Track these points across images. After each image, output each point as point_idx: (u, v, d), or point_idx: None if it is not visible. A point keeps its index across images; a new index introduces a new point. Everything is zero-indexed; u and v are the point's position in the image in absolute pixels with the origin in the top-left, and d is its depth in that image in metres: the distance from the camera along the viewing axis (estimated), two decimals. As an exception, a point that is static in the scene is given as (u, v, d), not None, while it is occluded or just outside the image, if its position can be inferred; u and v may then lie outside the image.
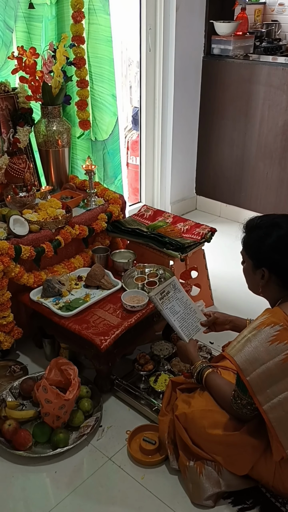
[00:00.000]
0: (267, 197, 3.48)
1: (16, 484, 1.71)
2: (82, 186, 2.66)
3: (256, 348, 1.45)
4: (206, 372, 1.68)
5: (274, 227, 1.55)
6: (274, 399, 1.44)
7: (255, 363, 1.44)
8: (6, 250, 2.02)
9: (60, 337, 2.14)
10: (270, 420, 1.45)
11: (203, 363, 1.72)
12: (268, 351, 1.44)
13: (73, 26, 2.52)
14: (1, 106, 2.40)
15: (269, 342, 1.44)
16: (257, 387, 1.44)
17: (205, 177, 3.82)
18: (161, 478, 1.72)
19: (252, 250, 1.59)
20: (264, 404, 1.44)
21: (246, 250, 1.62)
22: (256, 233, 1.58)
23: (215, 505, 1.61)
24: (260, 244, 1.55)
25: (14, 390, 2.03)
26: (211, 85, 3.52)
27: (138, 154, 3.62)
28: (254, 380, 1.44)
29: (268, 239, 1.54)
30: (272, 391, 1.44)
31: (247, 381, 1.45)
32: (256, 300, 1.73)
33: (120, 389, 2.04)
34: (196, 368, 1.72)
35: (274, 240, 1.53)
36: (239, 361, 1.46)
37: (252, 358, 1.45)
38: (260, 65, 3.24)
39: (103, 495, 1.67)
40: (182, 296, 1.97)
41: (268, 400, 1.44)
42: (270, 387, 1.44)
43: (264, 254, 1.55)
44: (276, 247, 1.53)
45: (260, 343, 1.45)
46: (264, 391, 1.44)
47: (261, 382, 1.44)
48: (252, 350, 1.45)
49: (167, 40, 3.24)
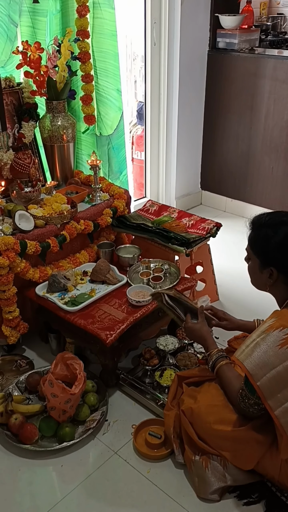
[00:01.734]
0: (272, 191, 3.46)
1: (22, 477, 1.73)
2: (87, 181, 2.66)
3: (265, 353, 1.44)
4: (219, 363, 1.66)
5: (283, 225, 1.53)
6: (285, 404, 1.43)
7: (265, 368, 1.43)
8: (11, 245, 2.02)
9: (66, 332, 2.14)
10: (282, 424, 1.44)
11: (219, 352, 1.70)
12: (277, 355, 1.42)
13: (78, 20, 2.51)
14: (6, 101, 2.40)
15: (278, 346, 1.42)
16: (268, 392, 1.43)
17: (210, 171, 3.81)
18: (166, 472, 1.72)
19: (260, 248, 1.57)
20: (275, 409, 1.43)
21: (253, 248, 1.60)
22: (264, 231, 1.55)
23: (220, 499, 1.62)
24: (268, 243, 1.53)
25: (20, 385, 2.04)
26: (216, 79, 3.50)
27: (143, 149, 3.61)
28: (264, 385, 1.43)
29: (277, 237, 1.52)
30: (283, 395, 1.43)
31: (258, 387, 1.44)
32: (261, 295, 1.72)
33: (125, 383, 2.04)
34: (212, 356, 1.69)
35: (282, 239, 1.51)
36: (248, 366, 1.45)
37: (262, 363, 1.43)
38: (266, 59, 3.22)
39: (109, 489, 1.68)
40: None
41: (280, 405, 1.43)
42: (281, 391, 1.43)
43: (272, 253, 1.53)
44: (285, 246, 1.51)
45: (269, 347, 1.43)
46: (275, 395, 1.43)
47: (271, 386, 1.43)
48: (261, 355, 1.44)
49: (172, 34, 3.22)
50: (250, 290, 1.74)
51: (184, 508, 1.60)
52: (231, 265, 2.90)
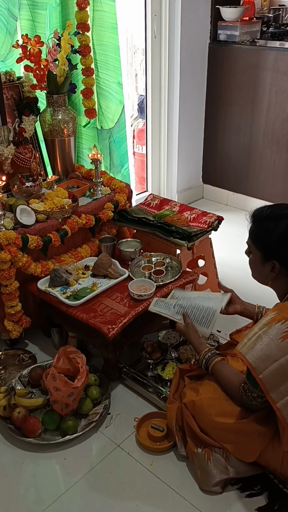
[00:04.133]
0: (274, 184, 3.45)
1: (26, 470, 1.74)
2: (88, 176, 2.65)
3: (267, 345, 1.44)
4: (213, 362, 1.67)
5: (284, 218, 1.52)
6: (287, 396, 1.43)
7: (267, 361, 1.43)
8: (13, 240, 2.02)
9: (68, 326, 2.15)
10: (284, 416, 1.44)
11: (210, 351, 1.71)
12: (279, 347, 1.43)
13: (78, 13, 2.50)
14: (6, 96, 2.39)
15: (280, 338, 1.43)
16: (270, 384, 1.44)
17: (211, 165, 3.80)
18: (169, 465, 1.73)
19: (261, 242, 1.56)
20: (277, 402, 1.44)
21: (254, 242, 1.59)
22: (266, 224, 1.54)
23: (223, 491, 1.63)
24: (269, 236, 1.53)
25: (23, 379, 2.05)
26: (217, 71, 3.49)
27: (144, 143, 3.60)
28: (267, 378, 1.44)
29: (278, 230, 1.51)
30: (286, 387, 1.43)
31: (260, 379, 1.44)
32: (263, 288, 1.72)
33: (128, 377, 2.05)
34: (201, 358, 1.71)
35: (283, 231, 1.50)
36: (251, 359, 1.45)
37: (264, 356, 1.44)
38: (267, 51, 3.20)
39: (112, 481, 1.69)
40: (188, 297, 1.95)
41: (282, 397, 1.44)
42: (283, 384, 1.43)
43: (274, 247, 1.53)
44: (287, 239, 1.50)
45: (271, 340, 1.44)
46: (277, 388, 1.44)
47: (274, 379, 1.43)
48: (263, 347, 1.44)
49: (172, 27, 3.20)
50: (252, 284, 1.74)
51: (186, 500, 1.61)
52: (233, 259, 2.89)
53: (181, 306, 1.90)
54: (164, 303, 1.92)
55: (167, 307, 1.90)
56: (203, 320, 1.84)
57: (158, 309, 1.90)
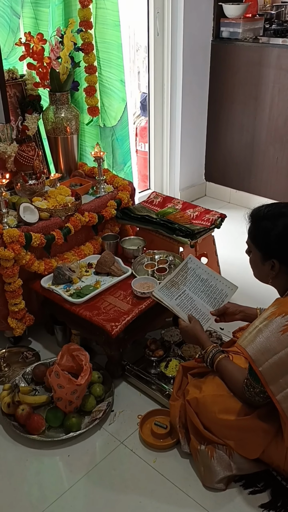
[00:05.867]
0: (277, 182, 3.44)
1: (30, 468, 1.74)
2: (91, 173, 2.65)
3: (267, 339, 1.45)
4: (218, 358, 1.68)
5: (282, 217, 1.52)
6: (287, 389, 1.44)
7: (267, 354, 1.44)
8: (16, 238, 2.03)
9: (71, 323, 2.15)
10: (283, 409, 1.45)
11: (215, 348, 1.72)
12: (279, 341, 1.43)
13: (81, 10, 2.49)
14: (9, 94, 2.39)
15: (280, 332, 1.43)
16: (269, 377, 1.44)
17: (214, 163, 3.79)
18: (173, 462, 1.74)
19: (260, 241, 1.57)
20: (277, 394, 1.44)
21: (253, 241, 1.60)
22: (264, 224, 1.55)
23: (226, 488, 1.63)
24: (268, 235, 1.53)
25: (27, 376, 2.06)
26: (220, 69, 3.48)
27: (147, 141, 3.60)
28: (266, 370, 1.44)
29: (276, 230, 1.51)
30: (285, 380, 1.44)
31: (260, 372, 1.44)
32: (266, 286, 1.71)
33: (131, 374, 2.05)
34: (208, 353, 1.71)
35: (282, 230, 1.51)
36: (251, 352, 1.46)
37: (264, 349, 1.44)
38: (270, 48, 3.19)
39: (116, 478, 1.70)
40: (197, 274, 1.95)
41: (281, 390, 1.44)
42: (283, 377, 1.44)
43: (273, 246, 1.53)
44: (285, 237, 1.51)
45: (271, 333, 1.44)
46: (277, 381, 1.44)
47: (273, 372, 1.44)
48: (263, 341, 1.45)
49: (175, 24, 3.19)
50: (254, 281, 1.74)
51: (190, 497, 1.62)
52: (236, 256, 2.88)
53: (186, 296, 1.89)
54: (169, 292, 1.89)
55: (170, 296, 1.88)
56: (214, 302, 1.90)
57: (160, 296, 1.87)
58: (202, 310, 1.89)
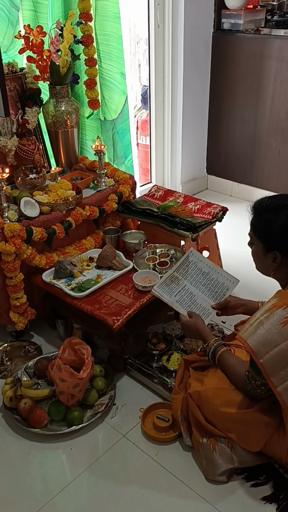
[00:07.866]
0: (279, 175, 3.43)
1: (33, 461, 1.75)
2: (92, 167, 2.64)
3: (268, 330, 1.44)
4: (219, 351, 1.68)
5: (284, 208, 1.52)
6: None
7: (268, 346, 1.44)
8: (17, 232, 2.02)
9: (73, 317, 2.15)
10: (284, 401, 1.45)
11: (217, 341, 1.72)
12: (280, 333, 1.43)
13: (80, 3, 2.47)
14: (9, 87, 2.38)
15: (281, 324, 1.43)
16: (270, 369, 1.44)
17: (216, 156, 3.78)
18: (175, 455, 1.74)
19: (263, 233, 1.57)
20: (278, 386, 1.44)
21: (256, 233, 1.59)
22: (266, 216, 1.55)
23: (228, 481, 1.63)
24: (270, 227, 1.53)
25: (29, 370, 2.06)
26: (221, 61, 3.45)
27: (148, 134, 3.58)
28: (267, 362, 1.44)
29: (279, 222, 1.51)
30: (286, 372, 1.44)
31: (261, 364, 1.44)
32: (267, 279, 1.71)
33: (133, 368, 2.06)
34: (210, 346, 1.71)
35: (284, 222, 1.51)
36: (252, 344, 1.46)
37: (265, 341, 1.44)
38: (272, 40, 3.17)
39: (118, 471, 1.70)
40: (198, 268, 1.95)
41: (282, 382, 1.44)
42: (283, 369, 1.44)
43: (275, 238, 1.53)
44: (287, 230, 1.50)
45: (272, 325, 1.44)
46: (278, 373, 1.44)
47: (274, 364, 1.44)
48: (264, 333, 1.45)
49: (176, 16, 3.17)
50: (256, 274, 1.74)
51: (192, 489, 1.62)
52: (238, 250, 2.88)
53: (187, 291, 1.89)
54: (168, 288, 1.89)
55: (170, 293, 1.87)
56: (216, 295, 1.90)
57: (159, 293, 1.87)
58: (203, 305, 1.89)
